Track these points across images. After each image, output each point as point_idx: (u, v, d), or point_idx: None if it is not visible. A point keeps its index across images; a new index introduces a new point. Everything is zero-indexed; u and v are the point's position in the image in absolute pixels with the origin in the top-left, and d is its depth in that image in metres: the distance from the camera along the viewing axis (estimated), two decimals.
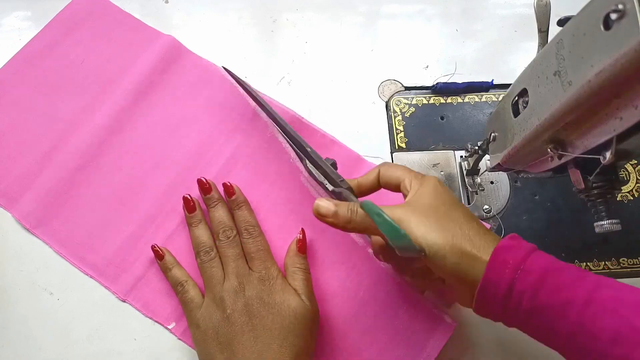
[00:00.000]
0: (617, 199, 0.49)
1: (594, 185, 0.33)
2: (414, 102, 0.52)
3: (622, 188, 0.49)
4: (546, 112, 0.30)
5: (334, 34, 0.55)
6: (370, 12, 0.57)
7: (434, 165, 0.49)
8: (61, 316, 0.43)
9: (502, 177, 0.49)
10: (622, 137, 0.27)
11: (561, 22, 0.30)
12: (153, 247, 0.43)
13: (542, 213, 0.48)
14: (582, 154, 0.30)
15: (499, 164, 0.39)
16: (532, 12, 0.34)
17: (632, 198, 0.49)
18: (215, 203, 0.43)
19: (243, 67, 0.52)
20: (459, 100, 0.52)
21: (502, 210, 0.48)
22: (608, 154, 0.28)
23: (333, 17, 0.56)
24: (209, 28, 0.54)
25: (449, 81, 0.52)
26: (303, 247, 0.43)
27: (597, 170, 0.31)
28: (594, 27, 0.24)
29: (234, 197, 0.44)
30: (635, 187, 0.50)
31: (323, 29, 0.55)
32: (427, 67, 0.54)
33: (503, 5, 0.58)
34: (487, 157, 0.45)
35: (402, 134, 0.51)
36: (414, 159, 0.50)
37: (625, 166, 0.50)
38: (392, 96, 0.52)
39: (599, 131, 0.28)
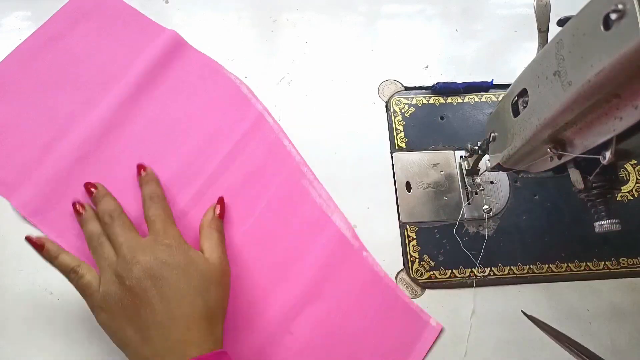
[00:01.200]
0: (617, 199, 0.49)
1: (593, 185, 0.33)
2: (414, 102, 0.52)
3: (622, 188, 0.49)
4: (546, 112, 0.30)
5: (334, 34, 0.55)
6: (370, 12, 0.57)
7: (434, 165, 0.49)
8: (61, 316, 0.43)
9: (502, 177, 0.49)
10: (622, 137, 0.27)
11: (561, 22, 0.30)
12: (27, 238, 0.40)
13: (542, 213, 0.48)
14: (582, 154, 0.30)
15: (499, 164, 0.39)
16: (532, 12, 0.34)
17: (632, 198, 0.49)
18: (101, 198, 0.43)
19: (243, 67, 0.52)
20: (459, 100, 0.52)
21: (502, 210, 0.48)
22: (608, 154, 0.28)
23: (333, 17, 0.56)
24: (209, 28, 0.54)
25: (449, 81, 0.52)
26: (222, 213, 0.45)
27: (597, 170, 0.31)
28: (594, 27, 0.24)
29: (144, 174, 0.44)
30: (635, 187, 0.50)
31: (323, 29, 0.55)
32: (427, 67, 0.54)
33: (503, 5, 0.58)
34: (487, 157, 0.45)
35: (402, 134, 0.51)
36: (414, 159, 0.50)
37: (625, 166, 0.50)
38: (392, 96, 0.52)
39: (598, 131, 0.28)
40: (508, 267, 0.46)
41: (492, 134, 0.40)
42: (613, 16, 0.22)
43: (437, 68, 0.54)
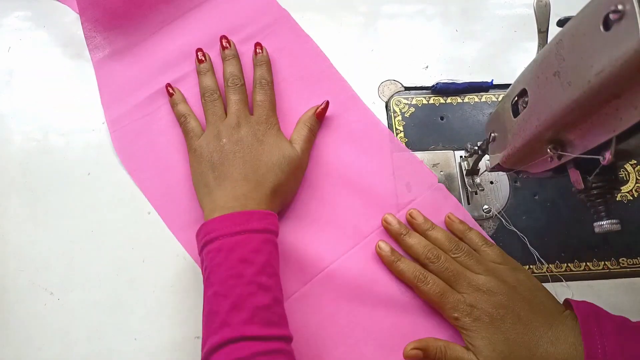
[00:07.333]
0: (617, 199, 0.49)
1: (593, 185, 0.33)
2: (413, 102, 0.52)
3: (622, 188, 0.49)
4: (546, 113, 0.30)
5: (334, 33, 0.55)
6: (370, 12, 0.57)
7: (434, 165, 0.49)
8: (61, 316, 0.43)
9: (502, 177, 0.49)
10: (622, 137, 0.27)
11: (561, 23, 0.30)
12: (166, 86, 0.49)
13: (542, 213, 0.48)
14: (582, 154, 0.30)
15: (498, 164, 0.39)
16: (532, 12, 0.34)
17: (631, 198, 0.49)
18: (230, 58, 0.48)
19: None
20: (459, 100, 0.52)
21: (501, 210, 0.48)
22: (608, 154, 0.28)
23: (333, 17, 0.56)
24: None
25: (449, 81, 0.52)
26: (321, 113, 0.48)
27: (597, 170, 0.31)
28: (593, 28, 0.24)
29: (259, 56, 0.49)
30: (635, 187, 0.50)
31: (323, 29, 0.55)
32: (427, 67, 0.54)
33: (503, 5, 0.58)
34: (487, 157, 0.45)
35: (402, 134, 0.51)
36: None
37: (625, 166, 0.50)
38: (392, 96, 0.52)
39: (598, 131, 0.28)
40: None
41: (492, 134, 0.40)
42: (613, 16, 0.23)
43: (437, 68, 0.54)
